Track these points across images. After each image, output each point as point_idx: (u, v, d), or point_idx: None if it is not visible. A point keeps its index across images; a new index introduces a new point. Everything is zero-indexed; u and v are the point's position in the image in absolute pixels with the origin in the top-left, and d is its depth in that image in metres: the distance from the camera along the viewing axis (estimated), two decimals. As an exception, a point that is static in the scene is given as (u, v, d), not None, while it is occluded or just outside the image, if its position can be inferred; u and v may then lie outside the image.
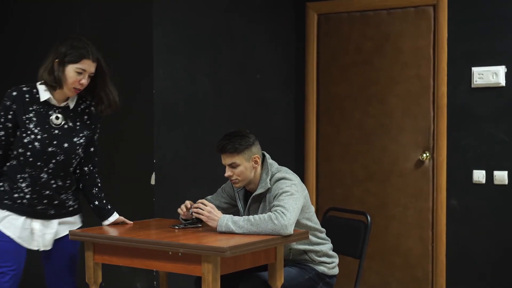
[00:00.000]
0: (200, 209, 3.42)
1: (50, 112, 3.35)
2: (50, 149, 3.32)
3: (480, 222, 4.98)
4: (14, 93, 3.32)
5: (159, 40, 4.30)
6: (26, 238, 3.39)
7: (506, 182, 4.87)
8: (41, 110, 3.34)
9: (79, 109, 3.45)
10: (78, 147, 3.40)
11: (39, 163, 3.32)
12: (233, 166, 3.55)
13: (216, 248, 2.99)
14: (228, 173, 3.58)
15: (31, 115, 3.31)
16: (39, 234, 3.41)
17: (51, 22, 4.72)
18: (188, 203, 3.61)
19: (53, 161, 3.34)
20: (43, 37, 4.76)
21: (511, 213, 4.88)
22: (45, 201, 3.37)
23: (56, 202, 3.40)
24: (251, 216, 3.33)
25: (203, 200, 3.49)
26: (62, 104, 3.39)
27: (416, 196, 5.24)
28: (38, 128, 3.31)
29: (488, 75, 4.93)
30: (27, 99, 3.32)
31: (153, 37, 4.27)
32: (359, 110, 5.44)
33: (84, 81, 3.32)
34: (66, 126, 3.38)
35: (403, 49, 5.29)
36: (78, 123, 3.42)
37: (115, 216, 3.62)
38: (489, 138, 4.94)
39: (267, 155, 3.66)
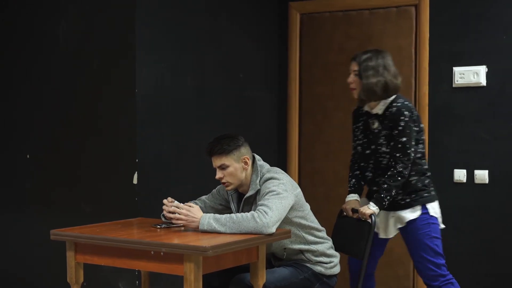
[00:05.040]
0: (178, 213, 3.39)
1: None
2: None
3: (461, 221, 5.01)
4: None
5: (142, 39, 4.30)
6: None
7: (487, 181, 4.91)
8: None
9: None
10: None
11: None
12: (222, 167, 3.55)
13: (198, 247, 2.99)
14: (218, 175, 3.58)
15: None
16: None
17: (35, 20, 4.70)
18: (167, 203, 3.59)
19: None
20: (25, 33, 4.74)
21: (491, 212, 4.92)
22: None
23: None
24: (233, 214, 3.34)
25: (177, 204, 3.46)
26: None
27: (398, 195, 5.26)
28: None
29: (469, 75, 4.96)
30: None
31: (136, 36, 4.26)
32: (342, 110, 5.45)
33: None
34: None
35: (385, 49, 5.30)
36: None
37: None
38: (470, 138, 4.98)
39: (258, 157, 3.67)
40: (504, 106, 4.88)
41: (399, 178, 3.85)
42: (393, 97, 3.96)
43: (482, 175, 4.92)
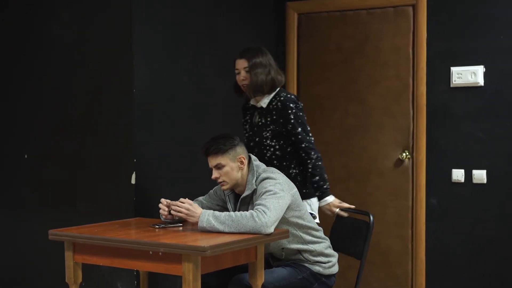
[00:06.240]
0: (178, 206, 3.42)
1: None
2: None
3: (459, 221, 5.02)
4: None
5: (139, 39, 4.29)
6: None
7: (485, 181, 4.92)
8: None
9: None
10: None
11: None
12: (218, 167, 3.55)
13: (197, 247, 2.99)
14: (215, 175, 3.58)
15: None
16: None
17: (35, 20, 4.69)
18: (164, 201, 3.60)
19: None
20: (21, 35, 4.73)
21: (489, 211, 4.93)
22: None
23: None
24: (232, 213, 3.33)
25: (181, 199, 3.49)
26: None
27: (396, 195, 5.27)
28: None
29: (467, 75, 4.96)
30: None
31: (133, 36, 4.26)
32: (339, 109, 5.46)
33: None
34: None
35: (382, 49, 5.32)
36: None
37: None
38: (467, 138, 4.98)
39: (254, 157, 3.67)
40: (501, 106, 4.89)
41: (320, 163, 4.06)
42: (276, 90, 4.09)
43: (480, 175, 4.93)
